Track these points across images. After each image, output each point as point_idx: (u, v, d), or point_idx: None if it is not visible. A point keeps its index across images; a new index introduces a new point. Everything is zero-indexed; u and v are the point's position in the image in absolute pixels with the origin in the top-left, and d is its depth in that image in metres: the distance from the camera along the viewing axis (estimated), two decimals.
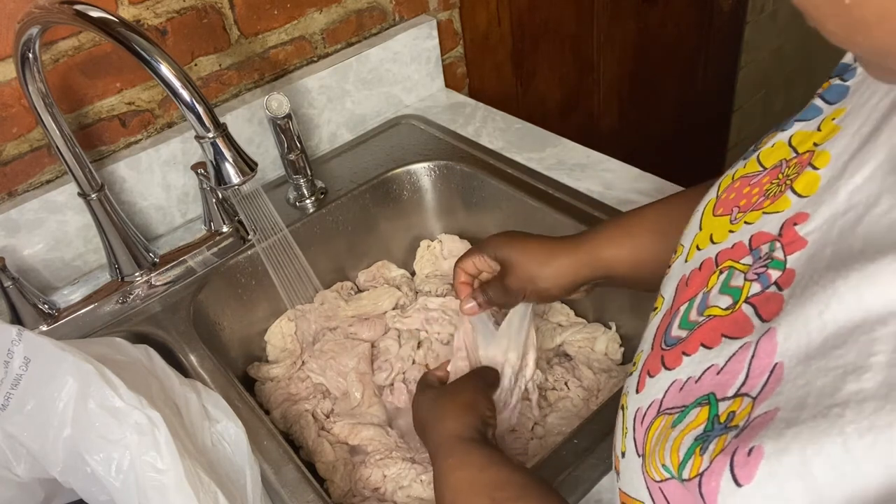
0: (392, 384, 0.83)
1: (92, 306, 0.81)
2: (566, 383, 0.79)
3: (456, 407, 0.60)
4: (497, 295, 0.67)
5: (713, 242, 0.40)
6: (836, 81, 0.39)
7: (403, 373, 0.83)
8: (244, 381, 0.86)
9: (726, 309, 0.35)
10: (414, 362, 0.85)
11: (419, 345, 0.86)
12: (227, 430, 0.62)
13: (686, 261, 0.42)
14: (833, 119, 0.37)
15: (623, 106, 1.54)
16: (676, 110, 1.72)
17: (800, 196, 0.35)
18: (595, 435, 0.62)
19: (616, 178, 0.88)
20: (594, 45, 1.39)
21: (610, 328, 0.84)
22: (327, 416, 0.80)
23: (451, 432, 0.57)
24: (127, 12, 0.80)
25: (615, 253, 0.62)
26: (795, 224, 0.34)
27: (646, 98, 1.59)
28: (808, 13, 0.27)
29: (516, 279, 0.65)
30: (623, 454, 0.38)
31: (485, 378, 0.66)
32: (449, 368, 0.70)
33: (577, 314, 0.88)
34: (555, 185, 0.88)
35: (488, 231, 0.96)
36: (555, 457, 0.61)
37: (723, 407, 0.31)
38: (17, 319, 0.77)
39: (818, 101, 0.39)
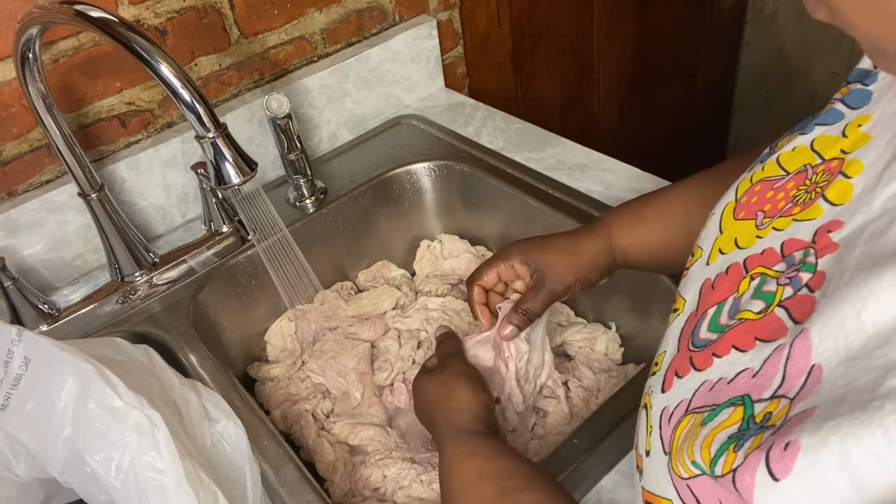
0: (392, 384, 0.83)
1: (92, 306, 0.81)
2: (566, 383, 0.79)
3: (460, 400, 0.59)
4: (538, 305, 0.63)
5: (739, 247, 0.40)
6: (858, 86, 0.39)
7: (403, 373, 0.83)
8: (244, 381, 0.86)
9: (759, 313, 0.35)
10: (414, 362, 0.84)
11: (419, 345, 0.86)
12: (227, 430, 0.62)
13: (708, 263, 0.42)
14: (859, 126, 0.37)
15: (623, 106, 1.54)
16: (676, 110, 1.72)
17: (832, 204, 0.35)
18: (595, 435, 0.62)
19: (616, 178, 0.88)
20: (594, 45, 1.39)
21: (610, 328, 0.83)
22: (327, 416, 0.80)
23: (461, 426, 0.57)
24: (127, 12, 0.80)
25: (630, 241, 0.64)
26: (829, 231, 0.34)
27: (646, 98, 1.59)
28: (836, 7, 0.27)
29: (558, 278, 0.62)
30: (647, 453, 0.38)
31: (454, 358, 0.64)
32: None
33: (577, 314, 0.88)
34: (555, 185, 0.88)
35: (488, 231, 0.97)
36: (555, 457, 0.61)
37: (759, 408, 0.32)
38: (17, 319, 0.77)
39: (839, 106, 0.39)
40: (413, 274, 0.99)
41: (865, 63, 0.39)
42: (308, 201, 0.91)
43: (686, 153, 1.79)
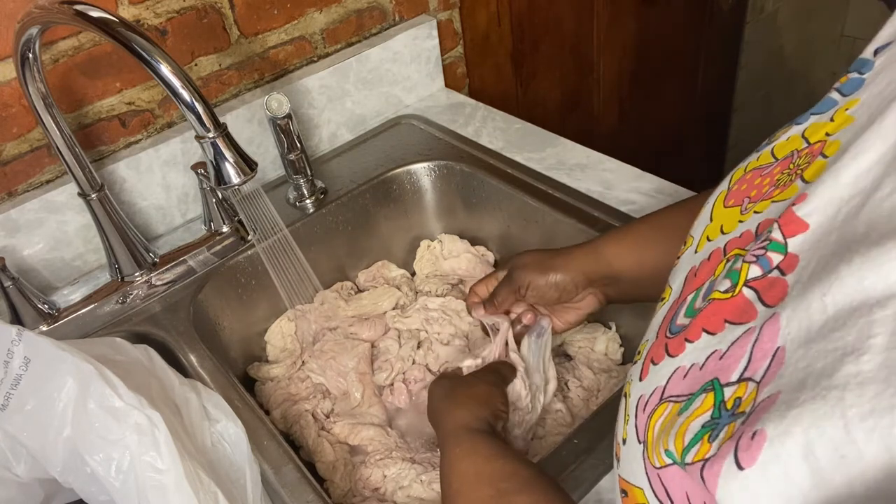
0: (392, 384, 0.83)
1: (92, 306, 0.81)
2: (566, 383, 0.79)
3: (469, 398, 0.61)
4: (503, 294, 0.69)
5: (723, 233, 0.40)
6: (854, 75, 0.39)
7: (403, 373, 0.83)
8: (244, 381, 0.86)
9: (726, 292, 0.35)
10: (414, 362, 0.85)
11: (419, 345, 0.86)
12: (227, 430, 0.62)
13: (696, 252, 0.42)
14: (847, 110, 0.37)
15: (623, 106, 1.54)
16: (676, 110, 1.72)
17: (807, 184, 0.35)
18: (595, 435, 0.62)
19: (616, 178, 0.88)
20: (594, 45, 1.39)
21: (610, 328, 0.83)
22: (327, 416, 0.80)
23: (461, 422, 0.57)
24: (127, 12, 0.80)
25: (617, 250, 0.64)
26: (793, 205, 0.34)
27: (646, 98, 1.59)
28: None
29: (523, 273, 0.67)
30: (624, 441, 0.38)
31: (501, 373, 0.67)
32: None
33: None
34: (555, 185, 0.88)
35: (488, 231, 0.97)
36: (555, 457, 0.61)
37: (728, 393, 0.31)
38: (17, 319, 0.77)
39: (834, 94, 0.39)
40: (413, 274, 0.99)
41: (867, 53, 0.39)
42: (308, 201, 0.91)
43: (686, 153, 1.79)
